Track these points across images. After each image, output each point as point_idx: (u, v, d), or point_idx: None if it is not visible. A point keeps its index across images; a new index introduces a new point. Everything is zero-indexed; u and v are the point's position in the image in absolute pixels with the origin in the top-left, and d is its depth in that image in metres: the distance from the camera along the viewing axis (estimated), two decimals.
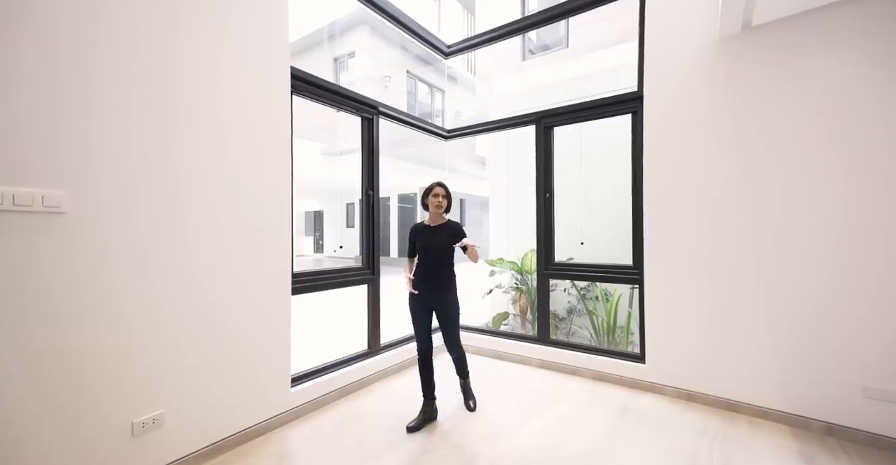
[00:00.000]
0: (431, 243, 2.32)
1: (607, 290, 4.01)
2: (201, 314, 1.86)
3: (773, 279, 2.27)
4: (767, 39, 2.28)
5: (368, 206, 3.06)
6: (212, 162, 1.90)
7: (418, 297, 2.35)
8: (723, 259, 2.42)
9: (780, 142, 2.25)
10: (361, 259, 3.06)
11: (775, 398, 2.28)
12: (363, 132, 3.06)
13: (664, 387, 2.65)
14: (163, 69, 1.71)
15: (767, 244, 2.29)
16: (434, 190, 2.34)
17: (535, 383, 2.95)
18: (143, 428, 1.63)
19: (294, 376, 2.39)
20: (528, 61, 6.40)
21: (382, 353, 3.07)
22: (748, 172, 2.34)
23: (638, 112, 2.83)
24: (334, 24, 10.31)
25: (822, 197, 2.14)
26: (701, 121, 2.50)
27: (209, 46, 1.88)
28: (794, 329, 2.22)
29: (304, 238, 18.28)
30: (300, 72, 2.41)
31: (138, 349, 1.64)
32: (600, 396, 2.70)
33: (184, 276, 1.79)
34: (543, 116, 3.32)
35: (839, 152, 2.10)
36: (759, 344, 2.32)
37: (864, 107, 2.03)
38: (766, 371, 2.30)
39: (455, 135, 3.93)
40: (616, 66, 4.19)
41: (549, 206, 3.34)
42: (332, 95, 2.71)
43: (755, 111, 2.32)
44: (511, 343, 3.42)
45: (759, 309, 2.31)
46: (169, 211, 1.74)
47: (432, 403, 2.39)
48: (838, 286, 2.10)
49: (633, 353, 2.90)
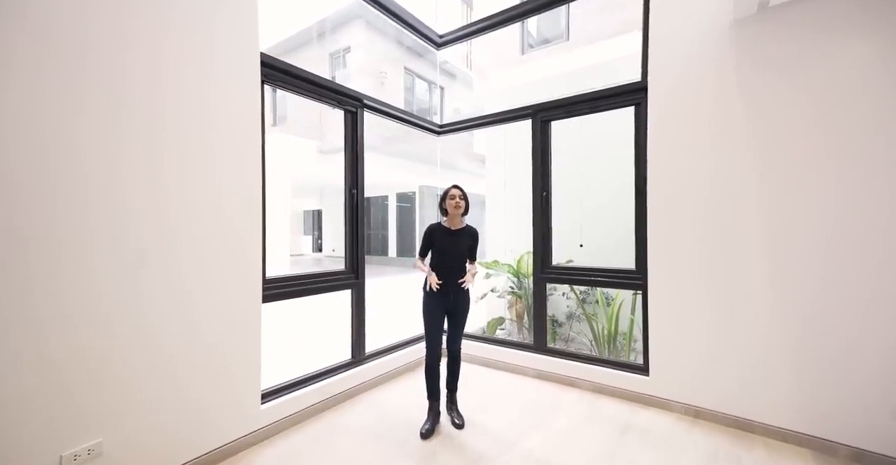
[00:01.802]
0: (451, 247, 2.31)
1: (608, 294, 3.80)
2: (147, 327, 1.66)
3: (795, 288, 2.06)
4: (787, 20, 2.05)
5: (352, 205, 2.87)
6: (166, 157, 1.70)
7: (437, 298, 2.29)
8: (736, 265, 2.21)
9: (802, 137, 2.03)
10: (345, 262, 2.86)
11: (796, 417, 2.07)
12: (346, 126, 2.86)
13: (669, 402, 2.45)
14: (113, 46, 1.52)
15: (789, 249, 2.07)
16: (450, 192, 2.33)
17: (530, 395, 2.75)
18: (74, 461, 1.43)
19: (265, 392, 2.19)
20: (528, 55, 6.18)
21: (367, 362, 2.87)
22: (766, 169, 2.12)
23: (641, 104, 2.61)
24: (327, 19, 10.09)
25: (871, 195, 1.90)
26: (712, 112, 2.28)
27: (156, 23, 1.68)
28: (817, 343, 2.01)
29: (303, 237, 18.13)
30: (272, 59, 2.21)
31: (68, 367, 1.45)
32: (600, 410, 2.50)
33: (125, 286, 1.59)
34: (540, 110, 3.10)
35: (888, 148, 1.88)
36: (776, 357, 2.11)
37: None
38: (785, 388, 2.09)
39: (448, 130, 3.72)
40: (619, 57, 3.97)
41: (546, 205, 3.13)
42: (310, 86, 2.51)
43: (775, 101, 2.10)
44: (505, 351, 3.22)
45: (778, 320, 2.10)
46: (112, 210, 1.54)
47: (437, 404, 2.36)
48: (874, 298, 1.88)
49: (635, 364, 2.70)
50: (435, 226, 2.38)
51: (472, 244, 2.39)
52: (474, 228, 2.43)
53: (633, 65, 2.72)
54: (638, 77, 2.62)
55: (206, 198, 1.84)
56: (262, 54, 2.11)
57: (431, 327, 2.29)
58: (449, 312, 2.34)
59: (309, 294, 2.51)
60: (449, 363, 2.42)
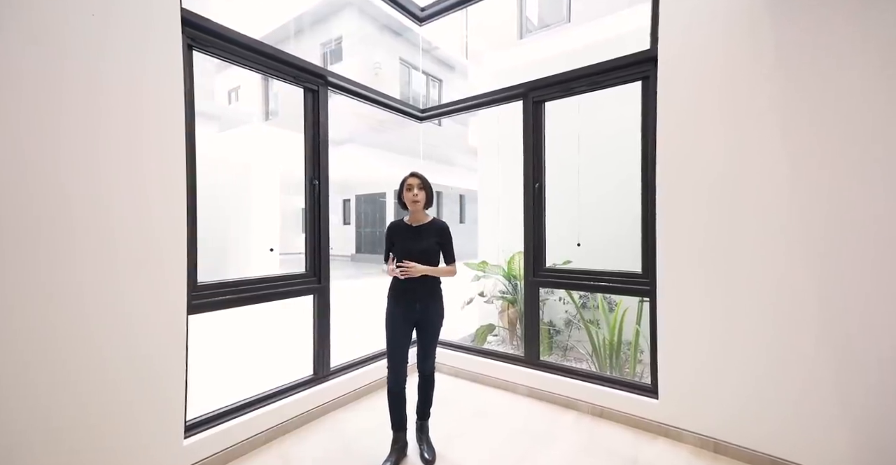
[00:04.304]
0: (413, 246, 1.91)
1: (611, 298, 3.40)
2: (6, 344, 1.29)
3: (842, 297, 1.65)
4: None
5: (313, 198, 2.49)
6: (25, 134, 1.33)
7: (400, 309, 1.92)
8: (766, 268, 1.80)
9: (856, 119, 1.62)
10: (305, 264, 2.49)
11: (845, 460, 1.66)
12: (306, 108, 2.47)
13: (682, 432, 2.05)
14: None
15: (835, 250, 1.66)
16: (407, 182, 1.96)
17: (519, 418, 2.36)
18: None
19: (192, 422, 1.82)
20: (526, 39, 5.74)
21: (332, 379, 2.50)
22: (804, 154, 1.71)
23: (650, 77, 2.21)
24: (317, 8, 9.69)
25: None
26: (737, 85, 1.87)
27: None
28: (870, 365, 1.60)
29: (300, 235, 17.84)
30: (200, 18, 1.81)
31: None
32: (601, 440, 2.11)
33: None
34: (533, 89, 2.70)
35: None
36: (817, 382, 1.70)
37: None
38: (829, 420, 1.69)
39: (430, 115, 3.32)
40: (627, 31, 3.54)
41: (539, 198, 2.73)
42: (256, 56, 2.13)
43: (823, 68, 1.69)
44: (493, 364, 2.83)
45: (817, 335, 1.70)
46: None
47: (404, 435, 1.98)
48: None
49: (642, 384, 2.30)
50: (396, 223, 2.01)
51: (443, 242, 1.98)
52: (443, 222, 2.03)
53: (642, 40, 2.30)
54: (646, 46, 2.21)
55: (112, 188, 1.47)
56: (185, 10, 1.72)
57: (395, 343, 1.91)
58: (417, 323, 1.96)
59: (257, 302, 2.14)
60: (420, 386, 2.03)
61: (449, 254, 2.01)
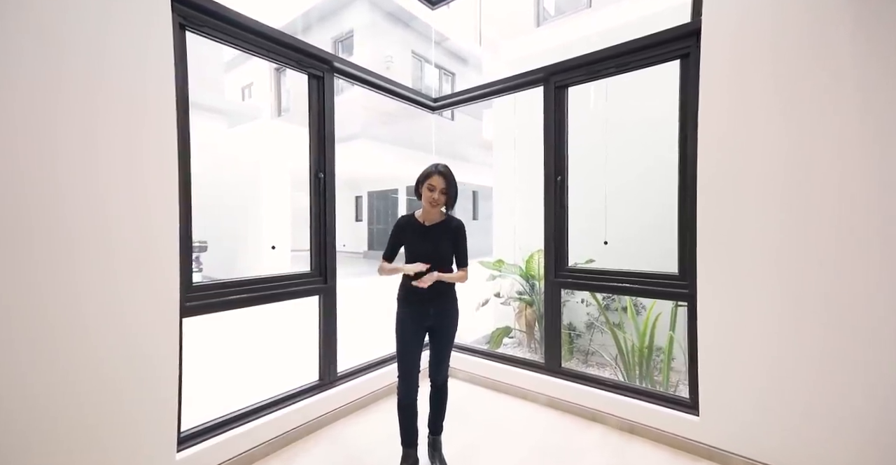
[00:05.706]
0: (424, 249, 1.73)
1: (639, 302, 3.16)
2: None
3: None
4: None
5: (318, 193, 2.32)
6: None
7: (413, 313, 1.74)
8: (828, 272, 1.56)
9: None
10: (310, 263, 2.33)
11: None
12: (311, 95, 2.31)
13: (729, 455, 1.82)
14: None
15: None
16: (430, 180, 1.71)
17: (538, 431, 2.17)
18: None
19: (186, 434, 1.69)
20: (544, 26, 5.47)
21: (339, 385, 2.35)
22: (885, 143, 1.46)
23: (691, 55, 1.97)
24: (326, 1, 9.53)
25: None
26: (797, 61, 1.62)
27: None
28: None
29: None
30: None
31: None
32: (634, 460, 1.90)
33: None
34: (554, 73, 2.47)
35: None
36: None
37: None
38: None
39: (443, 104, 3.13)
40: (651, 14, 3.27)
41: (561, 193, 2.52)
42: (256, 38, 1.96)
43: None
44: (510, 370, 2.64)
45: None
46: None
47: (415, 452, 1.79)
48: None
49: (680, 398, 2.07)
50: (406, 219, 1.82)
51: (457, 243, 1.79)
52: (458, 221, 1.83)
53: (674, 21, 2.05)
54: (687, 18, 1.96)
55: (100, 181, 1.32)
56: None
57: (406, 350, 1.74)
58: (430, 329, 1.78)
59: (258, 304, 2.00)
60: (432, 397, 1.86)
61: (462, 257, 1.81)
